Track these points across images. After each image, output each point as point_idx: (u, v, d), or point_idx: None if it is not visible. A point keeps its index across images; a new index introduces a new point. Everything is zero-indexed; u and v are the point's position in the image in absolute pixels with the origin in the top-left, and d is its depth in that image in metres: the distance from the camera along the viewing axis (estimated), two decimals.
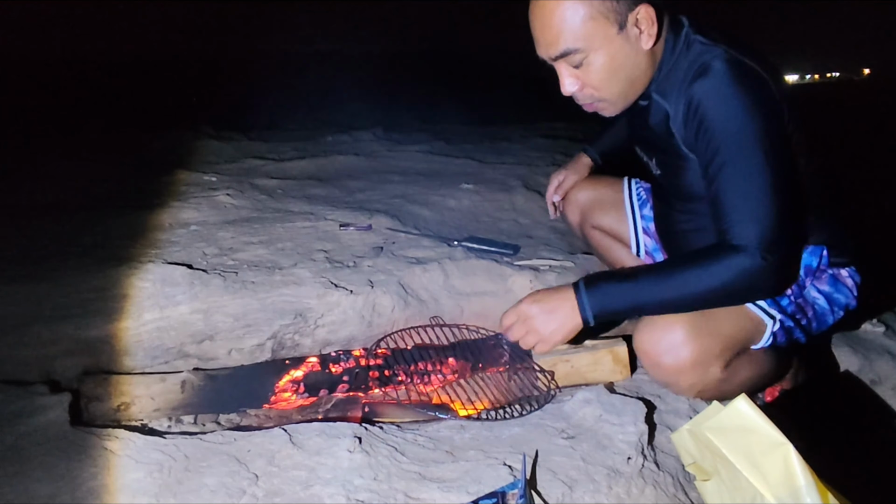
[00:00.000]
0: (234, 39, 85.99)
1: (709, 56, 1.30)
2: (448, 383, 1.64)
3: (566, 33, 1.28)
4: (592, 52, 1.29)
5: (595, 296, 1.37)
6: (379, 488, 1.18)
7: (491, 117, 6.73)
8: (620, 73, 1.33)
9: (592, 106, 1.41)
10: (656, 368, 1.35)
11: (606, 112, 1.42)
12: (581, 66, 1.31)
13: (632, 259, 1.91)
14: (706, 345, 1.30)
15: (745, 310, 1.36)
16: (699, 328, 1.29)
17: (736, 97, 1.26)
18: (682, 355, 1.29)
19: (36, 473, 1.19)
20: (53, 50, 19.10)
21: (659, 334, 1.31)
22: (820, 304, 1.48)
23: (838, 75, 58.96)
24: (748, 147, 1.25)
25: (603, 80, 1.33)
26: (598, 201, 1.93)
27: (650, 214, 1.85)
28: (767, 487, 1.00)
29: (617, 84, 1.34)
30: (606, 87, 1.35)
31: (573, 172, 1.98)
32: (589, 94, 1.37)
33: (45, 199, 2.94)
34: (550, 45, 1.31)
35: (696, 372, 1.31)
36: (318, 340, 1.89)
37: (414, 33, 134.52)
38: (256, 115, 6.70)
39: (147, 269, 1.95)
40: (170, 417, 1.57)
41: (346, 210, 2.75)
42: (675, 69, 1.36)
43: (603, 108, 1.41)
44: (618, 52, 1.30)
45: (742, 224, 1.26)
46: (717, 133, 1.27)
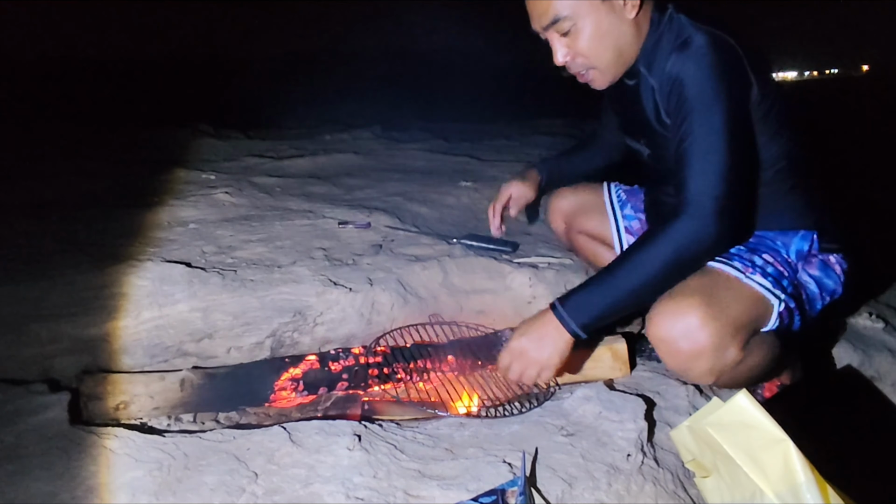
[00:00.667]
0: (232, 38, 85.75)
1: (690, 30, 1.38)
2: (448, 381, 1.64)
3: (556, 2, 1.38)
4: (580, 19, 1.38)
5: (572, 310, 1.38)
6: (378, 486, 1.18)
7: (490, 115, 6.73)
8: (607, 39, 1.41)
9: (584, 76, 1.48)
10: (673, 355, 1.33)
11: (597, 83, 1.49)
12: (570, 33, 1.40)
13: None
14: (722, 327, 1.29)
15: (753, 290, 1.36)
16: (713, 311, 1.29)
17: (710, 70, 1.33)
18: (700, 339, 1.28)
19: (35, 472, 1.19)
20: (47, 48, 19.18)
21: (673, 320, 1.31)
22: (811, 288, 1.49)
23: (837, 72, 58.96)
24: (714, 118, 1.32)
25: (591, 48, 1.41)
26: (581, 207, 1.95)
27: (631, 214, 1.88)
28: (767, 483, 1.00)
29: (605, 51, 1.42)
30: (595, 55, 1.42)
31: (519, 185, 1.89)
32: (581, 63, 1.44)
33: (44, 197, 2.94)
34: (542, 15, 1.41)
35: (714, 355, 1.30)
36: (318, 338, 1.89)
37: (411, 32, 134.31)
38: (255, 114, 6.69)
39: (146, 267, 1.95)
40: (169, 416, 1.56)
41: (345, 208, 2.75)
42: (660, 45, 1.43)
43: (594, 77, 1.47)
44: (603, 19, 1.39)
45: (696, 187, 1.32)
46: (689, 103, 1.34)
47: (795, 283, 1.47)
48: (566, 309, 1.38)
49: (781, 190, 1.50)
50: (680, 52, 1.36)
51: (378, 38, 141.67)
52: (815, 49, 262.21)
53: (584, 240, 1.97)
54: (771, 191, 1.49)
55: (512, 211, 1.89)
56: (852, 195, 3.46)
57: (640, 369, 1.71)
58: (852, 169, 4.27)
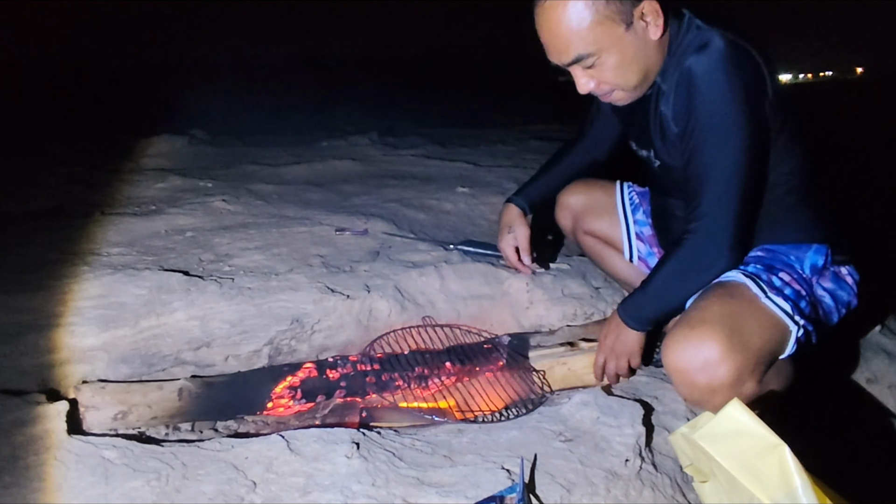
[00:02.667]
0: (226, 43, 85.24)
1: (708, 35, 1.34)
2: (444, 386, 1.64)
3: (575, 41, 1.31)
4: (604, 53, 1.33)
5: (628, 310, 1.49)
6: (377, 494, 1.18)
7: (486, 120, 6.74)
8: (633, 66, 1.37)
9: (609, 96, 1.45)
10: (689, 387, 1.30)
11: (622, 101, 1.47)
12: (595, 66, 1.35)
13: (625, 265, 1.90)
14: (742, 361, 1.25)
15: (773, 315, 1.32)
16: (733, 344, 1.24)
17: (726, 77, 1.31)
18: (719, 374, 1.24)
19: (33, 484, 1.19)
20: (31, 51, 19.00)
21: (693, 351, 1.26)
22: (826, 302, 1.47)
23: (832, 74, 59.18)
24: (727, 132, 1.31)
25: (618, 76, 1.38)
26: (591, 206, 1.92)
27: (643, 219, 1.85)
28: (764, 491, 1.00)
29: (632, 76, 1.39)
30: (622, 81, 1.39)
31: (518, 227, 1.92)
32: (605, 88, 1.41)
33: (40, 206, 2.93)
34: (562, 53, 1.35)
35: (733, 390, 1.24)
36: (315, 346, 1.89)
37: (407, 35, 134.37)
38: (251, 121, 6.70)
39: (143, 276, 1.95)
40: (167, 425, 1.56)
41: (342, 215, 2.75)
42: (677, 51, 1.39)
43: (619, 97, 1.45)
44: (628, 48, 1.34)
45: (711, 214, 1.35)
46: (702, 111, 1.33)
47: (813, 301, 1.43)
48: (623, 310, 1.51)
49: (794, 204, 1.47)
50: (697, 56, 1.33)
51: (371, 42, 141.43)
52: (810, 51, 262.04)
53: (591, 241, 1.96)
54: (784, 205, 1.47)
55: (525, 258, 1.95)
56: (850, 199, 3.47)
57: (638, 374, 1.71)
58: (850, 173, 4.28)
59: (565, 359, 1.70)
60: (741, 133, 1.31)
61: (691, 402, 1.37)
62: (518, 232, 1.89)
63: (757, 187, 1.38)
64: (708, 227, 1.36)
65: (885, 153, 5.31)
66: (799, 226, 1.48)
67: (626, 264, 1.89)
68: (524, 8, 1.41)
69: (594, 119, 1.84)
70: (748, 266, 1.42)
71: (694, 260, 1.40)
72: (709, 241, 1.37)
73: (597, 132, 1.85)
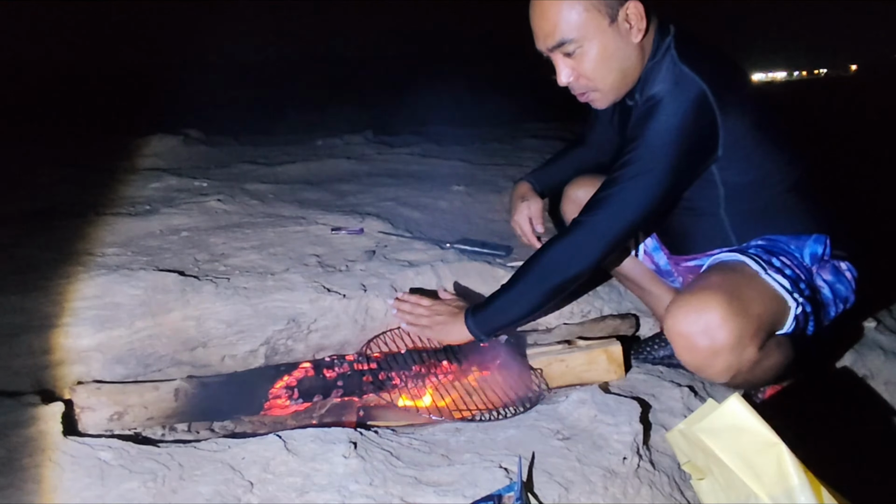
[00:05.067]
0: (220, 43, 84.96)
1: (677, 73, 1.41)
2: (441, 385, 1.64)
3: (562, 25, 1.38)
4: (586, 41, 1.39)
5: (479, 322, 1.57)
6: (375, 493, 1.18)
7: (480, 119, 6.73)
8: (612, 62, 1.42)
9: (586, 96, 1.50)
10: (691, 351, 1.32)
11: (598, 103, 1.51)
12: (575, 55, 1.41)
13: (629, 260, 1.89)
14: (742, 325, 1.28)
15: (772, 289, 1.36)
16: (734, 308, 1.28)
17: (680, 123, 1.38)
18: (720, 336, 1.27)
19: (28, 486, 1.18)
20: (25, 53, 18.96)
21: (694, 315, 1.29)
22: (825, 293, 1.49)
23: (826, 72, 59.35)
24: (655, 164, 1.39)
25: (596, 70, 1.42)
26: None
27: None
28: (761, 487, 1.00)
29: (609, 74, 1.44)
30: (599, 77, 1.44)
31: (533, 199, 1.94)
32: (583, 84, 1.46)
33: (34, 206, 2.92)
34: (548, 37, 1.41)
35: (733, 354, 1.28)
36: (312, 345, 1.89)
37: (400, 34, 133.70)
38: (246, 120, 6.68)
39: (138, 276, 1.94)
40: (163, 426, 1.56)
41: (338, 214, 2.74)
42: (653, 74, 1.45)
43: (595, 98, 1.49)
44: (609, 42, 1.40)
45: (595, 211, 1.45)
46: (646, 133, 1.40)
47: (812, 286, 1.46)
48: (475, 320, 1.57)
49: (794, 199, 1.51)
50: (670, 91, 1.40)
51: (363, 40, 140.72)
52: (804, 48, 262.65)
53: None
54: (783, 200, 1.51)
55: (539, 227, 1.93)
56: (846, 196, 3.48)
57: (635, 372, 1.72)
58: (846, 170, 4.30)
59: (562, 357, 1.70)
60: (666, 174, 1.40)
61: (693, 367, 1.35)
62: (532, 203, 1.91)
63: (646, 218, 1.45)
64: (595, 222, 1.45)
65: (881, 151, 5.33)
66: (799, 219, 1.51)
67: (632, 259, 1.89)
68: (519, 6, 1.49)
69: (594, 124, 1.88)
70: (748, 250, 1.45)
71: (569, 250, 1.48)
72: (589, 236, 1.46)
73: (598, 136, 1.88)
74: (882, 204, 3.39)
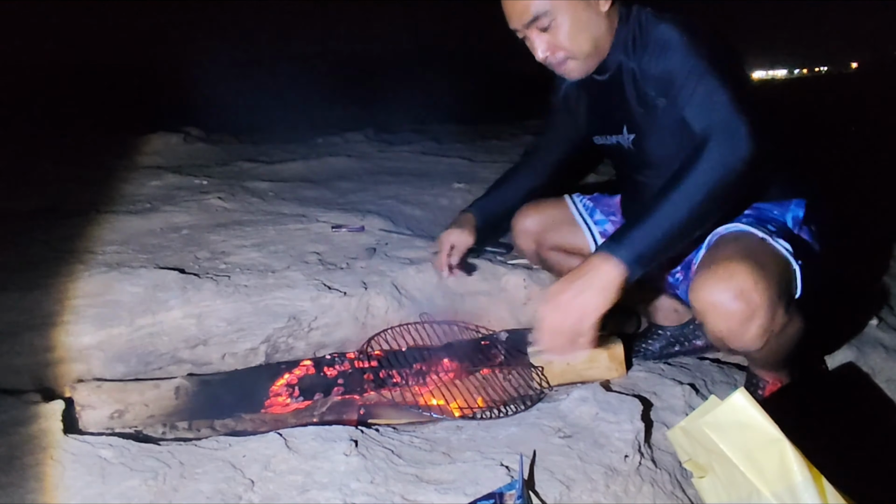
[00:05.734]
0: (220, 41, 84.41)
1: (661, 20, 1.47)
2: (442, 383, 1.64)
3: (534, 1, 1.44)
4: (558, 14, 1.45)
5: (620, 244, 1.28)
6: (376, 491, 1.18)
7: (480, 116, 6.73)
8: (585, 32, 1.48)
9: (564, 66, 1.53)
10: (726, 318, 1.29)
11: (574, 73, 1.55)
12: (549, 28, 1.46)
13: None
14: (772, 286, 1.28)
15: (780, 255, 1.36)
16: (761, 271, 1.28)
17: (693, 38, 1.42)
18: (755, 298, 1.26)
19: (30, 484, 1.18)
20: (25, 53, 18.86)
21: (724, 283, 1.28)
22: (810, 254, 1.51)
23: (827, 69, 59.29)
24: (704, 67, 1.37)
25: (570, 40, 1.48)
26: (548, 223, 1.91)
27: (602, 218, 1.87)
28: (764, 483, 1.00)
29: (584, 43, 1.49)
30: (576, 46, 1.49)
31: (465, 233, 1.90)
32: (560, 56, 1.51)
33: (35, 204, 2.92)
34: (522, 14, 1.47)
35: (767, 315, 1.28)
36: (313, 343, 1.88)
37: (401, 31, 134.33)
38: (246, 118, 6.67)
39: (139, 274, 1.94)
40: (164, 424, 1.56)
41: (339, 211, 2.74)
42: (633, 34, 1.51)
43: (572, 68, 1.53)
44: (581, 13, 1.47)
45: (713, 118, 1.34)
46: (677, 67, 1.41)
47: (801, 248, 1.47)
48: (613, 243, 1.28)
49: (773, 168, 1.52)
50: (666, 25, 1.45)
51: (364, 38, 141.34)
52: (805, 46, 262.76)
53: (556, 255, 1.92)
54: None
55: (453, 259, 1.91)
56: (847, 191, 3.48)
57: (636, 370, 1.71)
58: (846, 165, 4.29)
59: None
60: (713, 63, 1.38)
61: (726, 335, 1.32)
62: (463, 235, 1.90)
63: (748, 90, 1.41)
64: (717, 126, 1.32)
65: (882, 146, 5.32)
66: (779, 185, 1.55)
67: None
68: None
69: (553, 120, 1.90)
70: (741, 220, 1.46)
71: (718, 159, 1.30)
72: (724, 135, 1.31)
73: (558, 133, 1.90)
74: (883, 201, 3.39)
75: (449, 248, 1.90)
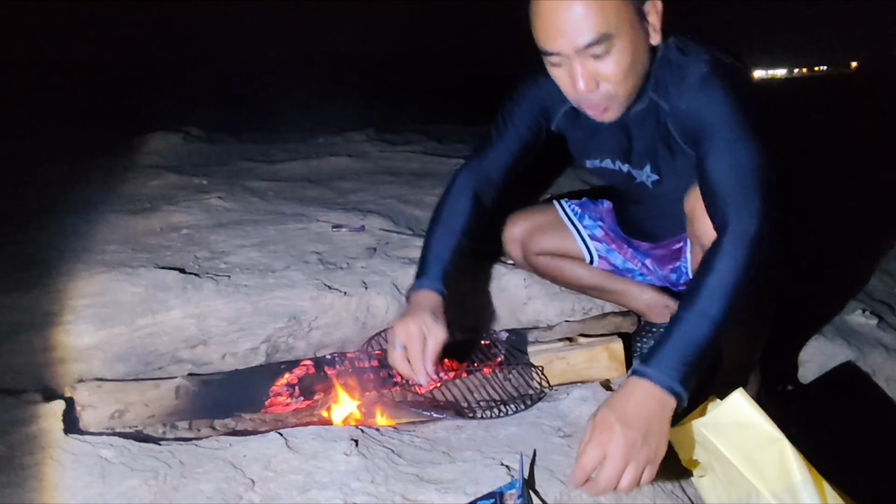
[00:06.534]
0: (220, 40, 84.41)
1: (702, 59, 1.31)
2: (442, 382, 1.64)
3: (599, 18, 1.18)
4: (618, 40, 1.21)
5: (660, 366, 1.10)
6: (376, 491, 1.18)
7: (482, 116, 6.73)
8: (637, 66, 1.27)
9: (600, 107, 1.31)
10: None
11: (609, 115, 1.33)
12: (603, 56, 1.22)
13: (584, 270, 1.90)
14: None
15: None
16: None
17: (729, 91, 1.27)
18: None
19: (30, 483, 1.18)
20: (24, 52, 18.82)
21: None
22: None
23: (826, 69, 59.30)
24: (740, 131, 1.24)
25: (621, 74, 1.25)
26: (536, 229, 1.91)
27: (592, 223, 1.87)
28: (763, 483, 1.00)
29: (631, 79, 1.28)
30: (623, 82, 1.27)
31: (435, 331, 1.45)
32: (604, 93, 1.28)
33: (35, 204, 2.92)
34: (582, 33, 1.19)
35: None
36: (313, 343, 1.88)
37: (401, 32, 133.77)
38: (246, 118, 6.67)
39: (139, 273, 1.94)
40: (164, 424, 1.56)
41: (339, 211, 2.74)
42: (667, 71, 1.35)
43: (609, 109, 1.32)
44: (637, 42, 1.25)
45: (735, 202, 1.21)
46: (713, 122, 1.27)
47: None
48: (652, 367, 1.11)
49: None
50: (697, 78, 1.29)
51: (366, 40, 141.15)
52: (804, 46, 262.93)
53: (545, 259, 1.93)
54: None
55: (429, 365, 1.44)
56: (844, 192, 3.48)
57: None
58: (843, 167, 4.29)
59: (564, 354, 1.70)
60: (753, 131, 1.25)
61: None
62: (434, 333, 1.44)
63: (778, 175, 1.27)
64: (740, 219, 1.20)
65: (882, 147, 5.32)
66: None
67: (586, 269, 1.89)
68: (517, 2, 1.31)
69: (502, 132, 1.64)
70: None
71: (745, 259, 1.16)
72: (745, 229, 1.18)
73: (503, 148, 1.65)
74: (882, 202, 3.39)
75: (421, 361, 1.43)
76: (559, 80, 1.30)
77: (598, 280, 1.91)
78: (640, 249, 1.81)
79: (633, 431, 1.04)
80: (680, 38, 1.36)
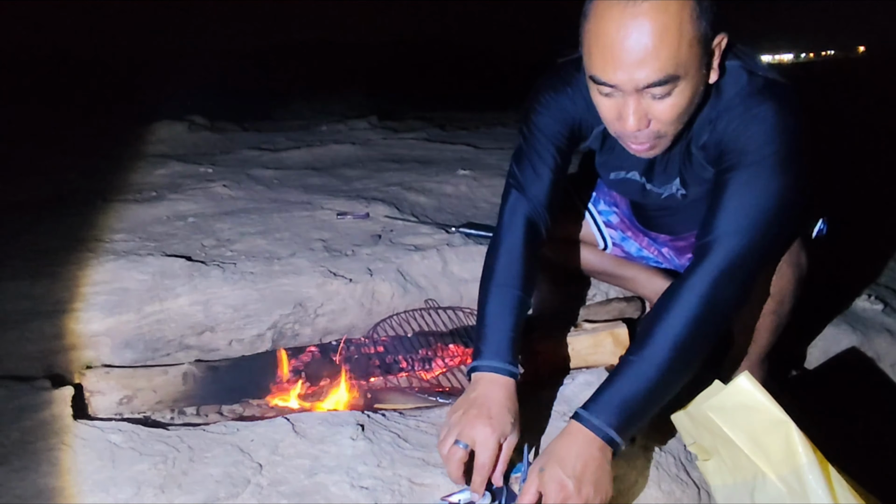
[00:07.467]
0: (225, 29, 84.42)
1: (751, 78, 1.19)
2: (448, 368, 1.65)
3: (671, 57, 1.04)
4: (684, 80, 1.07)
5: (599, 411, 1.09)
6: (383, 475, 1.19)
7: (485, 103, 6.71)
8: (692, 107, 1.14)
9: (645, 145, 1.18)
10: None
11: (653, 153, 1.22)
12: (662, 97, 1.08)
13: (596, 256, 1.87)
14: None
15: None
16: None
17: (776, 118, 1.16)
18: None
19: (42, 468, 1.20)
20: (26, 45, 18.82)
21: None
22: None
23: (834, 53, 58.73)
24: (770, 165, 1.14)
25: (675, 116, 1.12)
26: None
27: (607, 209, 1.81)
28: (769, 465, 1.00)
29: (685, 119, 1.16)
30: (675, 123, 1.14)
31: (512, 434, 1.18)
32: (653, 131, 1.14)
33: (42, 194, 2.94)
34: (652, 72, 1.05)
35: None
36: (318, 329, 1.90)
37: (404, 19, 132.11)
38: (250, 106, 6.67)
39: (146, 261, 1.95)
40: (172, 409, 1.57)
41: (344, 199, 2.75)
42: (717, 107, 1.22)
43: (655, 147, 1.20)
44: (699, 83, 1.11)
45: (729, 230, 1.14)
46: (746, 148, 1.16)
47: None
48: (593, 414, 1.09)
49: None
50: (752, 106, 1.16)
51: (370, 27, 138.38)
52: (811, 30, 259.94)
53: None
54: None
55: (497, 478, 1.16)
56: (851, 178, 3.46)
57: None
58: (851, 152, 4.27)
59: (568, 339, 1.70)
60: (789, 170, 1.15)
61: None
62: (511, 441, 1.18)
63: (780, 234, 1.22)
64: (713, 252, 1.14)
65: (888, 131, 5.29)
66: None
67: (599, 255, 1.87)
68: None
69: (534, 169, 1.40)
70: None
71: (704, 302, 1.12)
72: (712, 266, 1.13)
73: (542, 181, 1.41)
74: (889, 186, 3.37)
75: (492, 462, 1.14)
76: (604, 110, 1.16)
77: (610, 266, 1.88)
78: (658, 240, 1.78)
79: (586, 486, 1.04)
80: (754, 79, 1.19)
